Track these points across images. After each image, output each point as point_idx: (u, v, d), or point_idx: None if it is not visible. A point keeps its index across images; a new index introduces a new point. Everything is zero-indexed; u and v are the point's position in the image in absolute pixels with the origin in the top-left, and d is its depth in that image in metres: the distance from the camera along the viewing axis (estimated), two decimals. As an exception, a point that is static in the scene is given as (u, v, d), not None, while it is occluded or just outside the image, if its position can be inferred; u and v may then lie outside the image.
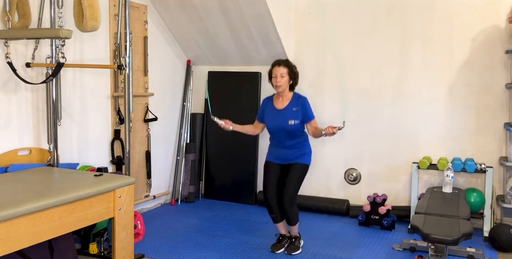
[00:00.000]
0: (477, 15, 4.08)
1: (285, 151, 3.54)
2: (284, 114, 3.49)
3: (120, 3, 3.06)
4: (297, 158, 3.52)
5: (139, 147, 4.46)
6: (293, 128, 3.46)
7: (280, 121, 3.49)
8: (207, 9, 4.34)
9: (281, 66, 3.45)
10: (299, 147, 3.53)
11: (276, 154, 3.59)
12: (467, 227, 2.80)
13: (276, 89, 3.50)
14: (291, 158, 3.53)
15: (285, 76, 3.44)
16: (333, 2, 4.56)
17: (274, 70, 3.48)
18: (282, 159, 3.56)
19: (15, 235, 2.20)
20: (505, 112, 4.06)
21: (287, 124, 3.45)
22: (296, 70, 3.55)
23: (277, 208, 3.54)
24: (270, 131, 3.59)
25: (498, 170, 4.10)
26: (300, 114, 3.47)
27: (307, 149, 3.57)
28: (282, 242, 3.63)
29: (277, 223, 3.63)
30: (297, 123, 3.45)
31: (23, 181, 2.74)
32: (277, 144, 3.58)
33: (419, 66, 4.32)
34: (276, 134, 3.56)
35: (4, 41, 3.00)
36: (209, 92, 5.04)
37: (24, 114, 3.26)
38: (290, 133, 3.48)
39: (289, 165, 3.54)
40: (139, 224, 3.69)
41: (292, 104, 3.51)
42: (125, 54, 3.04)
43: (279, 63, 3.48)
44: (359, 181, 4.63)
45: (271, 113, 3.57)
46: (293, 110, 3.48)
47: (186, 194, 4.94)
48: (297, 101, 3.51)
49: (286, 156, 3.54)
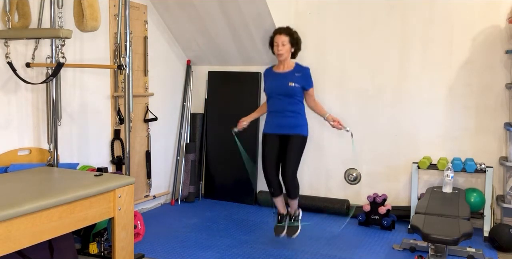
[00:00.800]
0: (477, 15, 4.08)
1: (282, 119, 3.51)
2: (285, 76, 3.50)
3: (120, 3, 3.06)
4: (295, 129, 3.50)
5: (139, 147, 4.46)
6: (293, 90, 3.45)
7: (280, 82, 3.48)
8: (207, 9, 4.34)
9: (282, 34, 3.45)
10: (296, 116, 3.51)
11: (274, 123, 3.56)
12: (467, 227, 2.80)
13: (278, 57, 3.53)
14: (289, 127, 3.50)
15: (286, 44, 3.45)
16: (333, 2, 4.56)
17: (275, 38, 3.48)
18: (279, 128, 3.52)
19: (15, 235, 2.20)
20: (505, 112, 4.06)
21: (287, 85, 3.44)
22: (297, 36, 3.54)
23: (276, 182, 3.55)
24: (269, 94, 3.56)
25: (498, 170, 4.10)
26: (301, 80, 3.47)
27: (304, 120, 3.57)
28: (282, 221, 3.63)
29: (275, 198, 3.61)
30: (297, 86, 3.45)
31: (23, 181, 2.74)
32: (275, 111, 3.55)
33: (419, 66, 4.32)
34: (275, 96, 3.52)
35: (4, 41, 3.00)
36: (208, 93, 5.05)
37: (24, 114, 3.26)
38: (289, 96, 3.46)
39: (287, 137, 3.50)
40: (139, 224, 3.68)
41: (294, 70, 3.52)
42: (125, 54, 3.04)
43: (280, 31, 3.48)
44: (359, 181, 4.63)
45: (272, 77, 3.57)
46: (295, 75, 3.49)
47: (186, 194, 4.94)
48: (300, 69, 3.54)
49: (284, 124, 3.50)
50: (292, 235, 3.57)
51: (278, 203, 3.66)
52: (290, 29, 3.54)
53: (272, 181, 3.55)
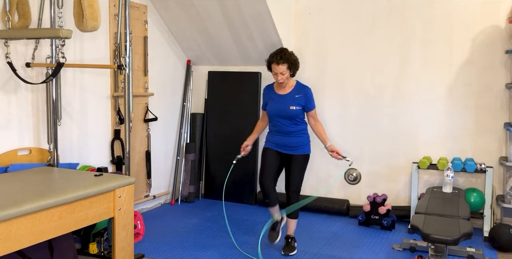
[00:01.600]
0: (477, 15, 4.08)
1: (285, 138, 3.51)
2: (286, 99, 3.49)
3: (120, 3, 3.06)
4: (298, 149, 3.51)
5: (139, 147, 4.46)
6: (294, 113, 3.45)
7: (281, 105, 3.48)
8: (207, 9, 4.34)
9: (280, 64, 3.39)
10: (298, 135, 3.51)
11: (276, 142, 3.56)
12: (467, 227, 2.80)
13: (279, 85, 3.54)
14: (291, 147, 3.51)
15: (285, 73, 3.43)
16: (333, 2, 4.56)
17: (273, 68, 3.44)
18: (281, 147, 3.53)
19: (15, 235, 2.20)
20: (505, 112, 4.06)
21: (288, 108, 3.44)
22: (294, 57, 3.47)
23: (274, 194, 3.54)
24: (270, 116, 3.56)
25: (498, 170, 4.10)
26: (302, 102, 3.47)
27: (306, 139, 3.56)
28: (276, 228, 3.61)
29: (272, 207, 3.59)
30: (298, 109, 3.45)
31: (23, 181, 2.74)
32: (277, 131, 3.55)
33: (419, 66, 4.32)
34: (276, 119, 3.52)
35: (4, 41, 3.00)
36: (208, 93, 5.05)
37: (24, 114, 3.26)
38: (290, 118, 3.46)
39: (289, 156, 3.52)
40: (139, 224, 3.68)
41: (295, 91, 3.51)
42: (125, 54, 3.04)
43: (277, 61, 3.40)
44: (359, 181, 4.63)
45: (272, 98, 3.56)
46: (296, 96, 3.48)
47: (186, 194, 4.94)
48: (301, 89, 3.52)
49: (286, 144, 3.51)
50: (289, 253, 3.51)
51: (274, 211, 3.62)
52: (286, 54, 3.43)
53: (269, 193, 3.53)
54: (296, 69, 3.52)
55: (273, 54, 3.46)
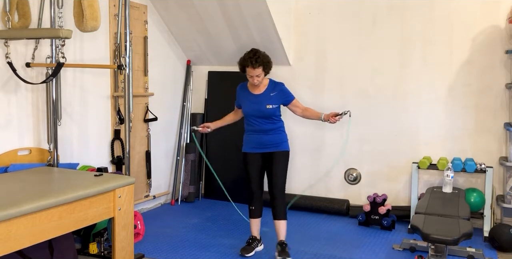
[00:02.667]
0: (477, 15, 4.08)
1: (262, 137, 3.47)
2: (261, 98, 3.46)
3: (120, 3, 3.06)
4: (277, 146, 3.47)
5: (139, 147, 4.46)
6: (271, 111, 3.42)
7: (257, 105, 3.45)
8: (207, 9, 4.34)
9: (256, 68, 3.33)
10: (276, 133, 3.48)
11: (254, 142, 3.50)
12: (467, 227, 2.80)
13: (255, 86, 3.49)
14: (270, 145, 3.46)
15: (261, 75, 3.40)
16: (333, 2, 4.56)
17: (249, 72, 3.37)
18: (260, 146, 3.48)
19: (15, 235, 2.20)
20: (505, 112, 4.06)
21: (265, 107, 3.41)
22: (267, 59, 3.42)
23: (259, 201, 3.51)
24: (247, 116, 3.52)
25: (498, 170, 4.10)
26: (278, 99, 3.45)
27: (284, 136, 3.53)
28: (252, 244, 3.54)
29: (254, 219, 3.54)
30: (275, 107, 3.43)
31: (23, 181, 2.74)
32: (253, 130, 3.50)
33: (419, 66, 4.32)
34: (253, 118, 3.48)
35: (4, 41, 3.00)
36: (208, 93, 5.05)
37: (24, 114, 3.26)
38: (267, 117, 3.44)
39: (270, 154, 3.47)
40: (139, 224, 3.69)
41: (269, 89, 3.48)
42: (125, 54, 3.04)
43: (253, 65, 3.32)
44: (359, 181, 4.63)
45: (248, 98, 3.52)
46: (271, 95, 3.45)
47: (186, 194, 4.94)
48: (275, 87, 3.49)
49: (265, 142, 3.46)
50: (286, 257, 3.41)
51: (254, 225, 3.57)
52: (260, 56, 3.36)
53: (256, 201, 3.51)
54: (269, 69, 3.47)
55: (247, 58, 3.37)
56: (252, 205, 3.52)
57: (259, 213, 3.55)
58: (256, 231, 3.58)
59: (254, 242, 3.55)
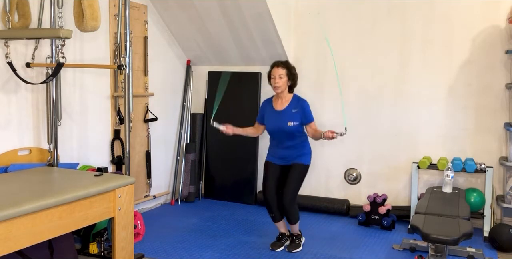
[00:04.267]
0: (477, 15, 4.08)
1: (284, 151, 3.56)
2: (283, 115, 3.50)
3: (120, 3, 3.06)
4: (297, 159, 3.54)
5: (139, 147, 4.46)
6: (292, 129, 3.47)
7: (279, 122, 3.50)
8: (207, 9, 4.34)
9: (280, 67, 3.48)
10: (298, 147, 3.55)
11: (276, 155, 3.61)
12: (467, 227, 2.80)
13: (274, 90, 3.53)
14: (290, 159, 3.55)
15: (283, 77, 3.47)
16: (333, 2, 4.56)
17: (273, 71, 3.50)
18: (281, 160, 3.58)
19: (15, 235, 2.20)
20: (505, 112, 4.06)
21: (286, 125, 3.47)
22: (295, 71, 3.56)
23: (277, 208, 3.58)
24: (270, 132, 3.62)
25: (498, 170, 4.10)
26: (299, 116, 3.48)
27: (306, 149, 3.58)
28: (282, 240, 3.66)
29: (277, 222, 3.66)
30: (296, 124, 3.47)
31: (23, 181, 2.74)
32: (276, 145, 3.61)
33: (419, 66, 4.32)
34: (275, 135, 3.58)
35: (4, 41, 3.00)
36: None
37: (24, 114, 3.26)
38: (289, 134, 3.50)
39: (289, 166, 3.55)
40: (139, 224, 3.68)
41: (291, 105, 3.52)
42: (125, 54, 3.04)
43: (277, 64, 3.51)
44: (359, 181, 4.63)
45: (270, 114, 3.59)
46: (293, 111, 3.50)
47: (186, 194, 4.94)
48: (297, 103, 3.53)
49: (286, 156, 3.56)
50: (293, 250, 3.57)
51: (280, 227, 3.70)
52: (288, 63, 3.56)
53: (273, 207, 3.58)
54: (294, 82, 3.55)
55: (276, 61, 3.58)
56: (271, 213, 3.62)
57: (280, 217, 3.64)
58: (284, 228, 3.70)
59: (283, 238, 3.67)
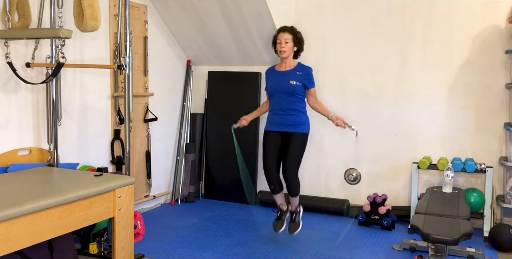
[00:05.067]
0: (477, 15, 4.08)
1: (283, 116, 3.54)
2: (286, 75, 3.54)
3: (120, 3, 3.06)
4: (296, 127, 3.53)
5: (139, 147, 4.46)
6: (294, 88, 3.48)
7: (281, 80, 3.53)
8: (207, 9, 4.34)
9: (286, 32, 3.53)
10: (298, 114, 3.54)
11: (275, 121, 3.59)
12: (467, 227, 2.80)
13: (280, 55, 3.58)
14: (290, 125, 3.53)
15: (289, 42, 3.52)
16: (333, 2, 4.56)
17: (279, 36, 3.55)
18: (281, 125, 3.55)
19: (15, 235, 2.20)
20: (505, 112, 4.06)
21: (288, 83, 3.48)
22: (301, 36, 3.61)
23: (277, 180, 3.60)
24: (270, 93, 3.60)
25: (498, 170, 4.10)
26: (303, 79, 3.51)
27: (305, 118, 3.60)
28: (282, 217, 3.67)
29: (275, 194, 3.67)
30: (298, 84, 3.48)
31: (23, 181, 2.74)
32: (276, 109, 3.58)
33: (419, 66, 4.32)
34: (276, 95, 3.55)
35: (4, 41, 3.00)
36: (208, 93, 5.05)
37: (24, 114, 3.26)
38: (290, 93, 3.49)
39: (289, 134, 3.53)
40: (139, 224, 3.68)
41: (296, 69, 3.56)
42: (125, 54, 3.04)
43: (283, 29, 3.56)
44: (359, 181, 4.63)
45: (273, 76, 3.62)
46: (297, 73, 3.53)
47: (186, 194, 4.94)
48: (302, 68, 3.57)
49: (285, 121, 3.54)
50: (294, 231, 3.62)
51: (278, 199, 3.71)
52: (294, 28, 3.60)
53: (272, 179, 3.59)
54: (300, 48, 3.62)
55: (282, 26, 3.63)
56: (271, 185, 3.63)
57: (279, 189, 3.65)
58: (282, 203, 3.72)
59: (283, 215, 3.69)
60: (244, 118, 3.76)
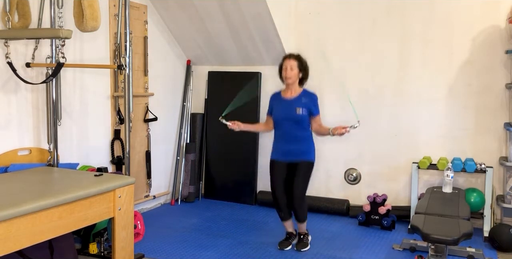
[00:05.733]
0: (477, 15, 4.08)
1: (289, 145, 3.54)
2: (292, 103, 3.53)
3: (120, 3, 3.06)
4: (303, 156, 3.54)
5: (139, 147, 4.46)
6: (300, 117, 3.49)
7: (288, 109, 3.53)
8: (207, 9, 4.34)
9: (291, 59, 3.53)
10: (303, 142, 3.55)
11: (281, 150, 3.59)
12: (467, 227, 2.80)
13: (285, 81, 3.57)
14: (296, 154, 3.54)
15: (294, 69, 3.52)
16: (333, 2, 4.56)
17: (285, 63, 3.55)
18: (287, 155, 3.56)
19: (15, 235, 2.20)
20: (505, 112, 4.06)
21: (295, 112, 3.49)
22: (306, 64, 3.61)
23: (286, 207, 3.61)
24: (276, 121, 3.60)
25: (498, 170, 4.10)
26: (308, 106, 3.51)
27: (311, 146, 3.60)
28: (289, 239, 3.69)
29: (285, 221, 3.69)
30: (304, 113, 3.49)
31: (23, 181, 2.74)
32: (282, 138, 3.58)
33: (419, 66, 4.32)
34: (282, 124, 3.56)
35: (4, 41, 3.00)
36: (208, 93, 5.04)
37: (24, 114, 3.26)
38: (296, 122, 3.50)
39: (295, 164, 3.55)
40: (139, 224, 3.68)
41: (301, 96, 3.56)
42: (125, 54, 3.04)
43: (289, 56, 3.57)
44: (359, 181, 4.63)
45: (279, 103, 3.62)
46: (302, 101, 3.53)
47: (186, 194, 4.94)
48: (307, 94, 3.58)
49: (291, 151, 3.54)
50: (301, 249, 3.60)
51: (287, 225, 3.73)
52: (300, 55, 3.62)
53: (281, 206, 3.61)
54: (305, 75, 3.61)
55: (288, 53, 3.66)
56: (280, 212, 3.65)
57: (289, 215, 3.68)
58: (291, 228, 3.74)
59: (291, 238, 3.71)
60: (239, 124, 3.63)
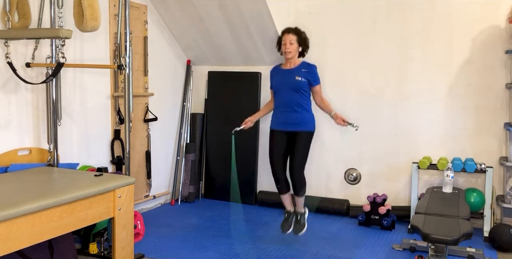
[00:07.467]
0: (477, 15, 4.08)
1: (288, 114, 3.56)
2: (292, 72, 3.57)
3: (120, 3, 3.06)
4: (302, 126, 3.56)
5: (139, 147, 4.46)
6: (299, 83, 3.51)
7: (287, 77, 3.56)
8: (207, 9, 4.34)
9: (290, 33, 3.55)
10: (303, 111, 3.56)
11: (281, 119, 3.61)
12: (467, 227, 2.80)
13: (285, 56, 3.60)
14: (295, 123, 3.56)
15: (294, 43, 3.55)
16: (333, 2, 4.56)
17: (284, 37, 3.57)
18: (286, 124, 3.58)
19: (15, 235, 2.20)
20: (505, 112, 4.06)
21: (294, 79, 3.52)
22: (305, 36, 3.64)
23: (283, 179, 3.62)
24: (276, 90, 3.64)
25: (498, 170, 4.10)
26: (308, 75, 3.54)
27: (310, 115, 3.62)
28: (289, 219, 3.71)
29: (282, 195, 3.70)
30: (304, 80, 3.52)
31: (23, 181, 2.74)
32: (281, 105, 3.60)
33: (419, 66, 4.32)
34: (281, 91, 3.59)
35: (4, 41, 3.00)
36: (208, 93, 5.05)
37: (24, 114, 3.26)
38: (295, 89, 3.52)
39: (294, 133, 3.55)
40: (139, 224, 3.68)
41: (301, 66, 3.60)
42: (125, 54, 3.04)
43: (288, 31, 3.58)
44: (359, 181, 4.63)
45: (279, 74, 3.66)
46: (302, 70, 3.56)
47: (186, 194, 4.94)
48: (306, 66, 3.60)
49: (290, 119, 3.56)
50: (299, 232, 3.65)
51: (285, 200, 3.73)
52: (299, 29, 3.63)
53: (279, 178, 3.62)
54: (305, 47, 3.64)
55: (286, 27, 3.65)
56: (278, 184, 3.65)
57: (286, 189, 3.67)
58: (289, 204, 3.73)
59: (290, 217, 3.71)
60: (249, 120, 3.74)
